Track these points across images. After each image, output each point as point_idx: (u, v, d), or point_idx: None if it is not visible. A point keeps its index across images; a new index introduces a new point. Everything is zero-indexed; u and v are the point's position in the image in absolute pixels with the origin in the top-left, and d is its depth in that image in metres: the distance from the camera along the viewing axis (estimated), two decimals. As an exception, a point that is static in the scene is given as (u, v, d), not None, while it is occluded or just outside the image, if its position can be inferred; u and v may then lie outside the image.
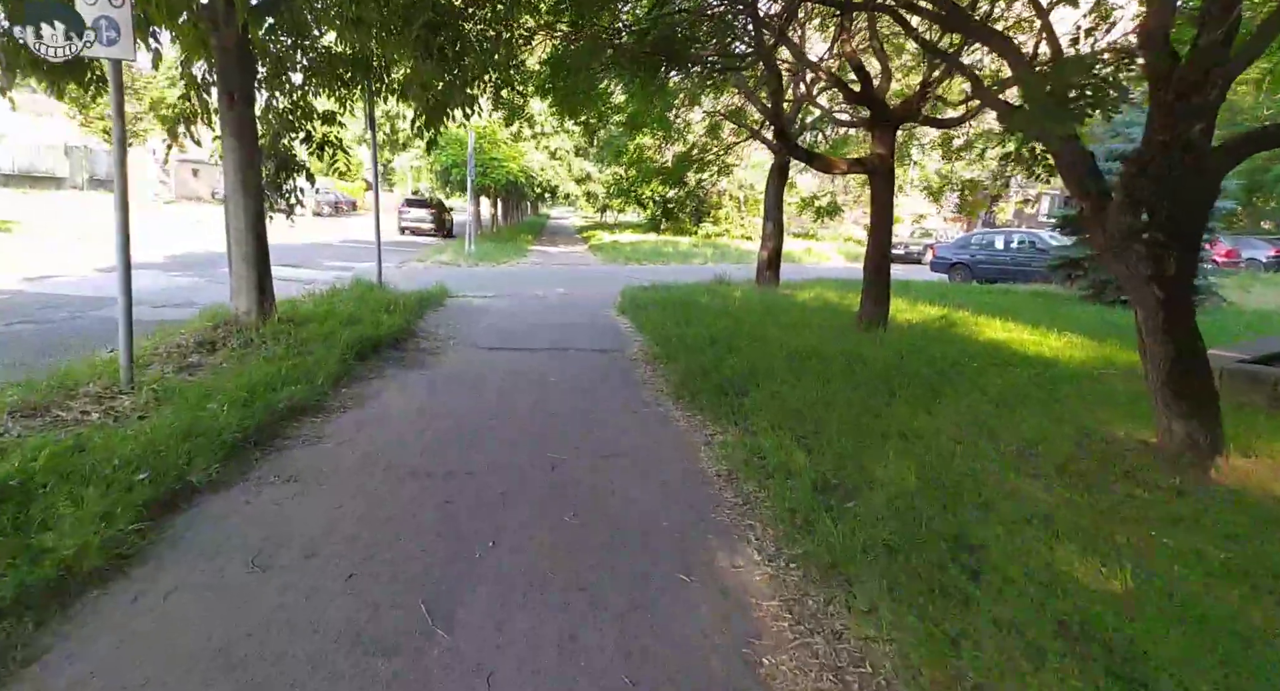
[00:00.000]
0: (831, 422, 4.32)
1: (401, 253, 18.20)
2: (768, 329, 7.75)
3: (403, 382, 5.27)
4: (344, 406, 4.52)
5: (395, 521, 2.95)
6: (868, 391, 5.10)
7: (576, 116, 8.67)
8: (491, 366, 6.02)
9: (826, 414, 4.50)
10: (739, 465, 3.77)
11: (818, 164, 7.79)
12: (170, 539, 2.71)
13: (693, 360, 6.06)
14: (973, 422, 4.43)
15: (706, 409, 4.83)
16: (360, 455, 3.70)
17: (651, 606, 2.38)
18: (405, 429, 4.18)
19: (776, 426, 4.29)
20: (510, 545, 2.79)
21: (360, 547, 2.70)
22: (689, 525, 3.07)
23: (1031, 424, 4.39)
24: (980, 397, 5.03)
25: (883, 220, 7.89)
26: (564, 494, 3.34)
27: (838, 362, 6.02)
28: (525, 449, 3.95)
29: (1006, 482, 3.34)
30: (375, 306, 7.50)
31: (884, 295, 8.04)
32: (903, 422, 4.33)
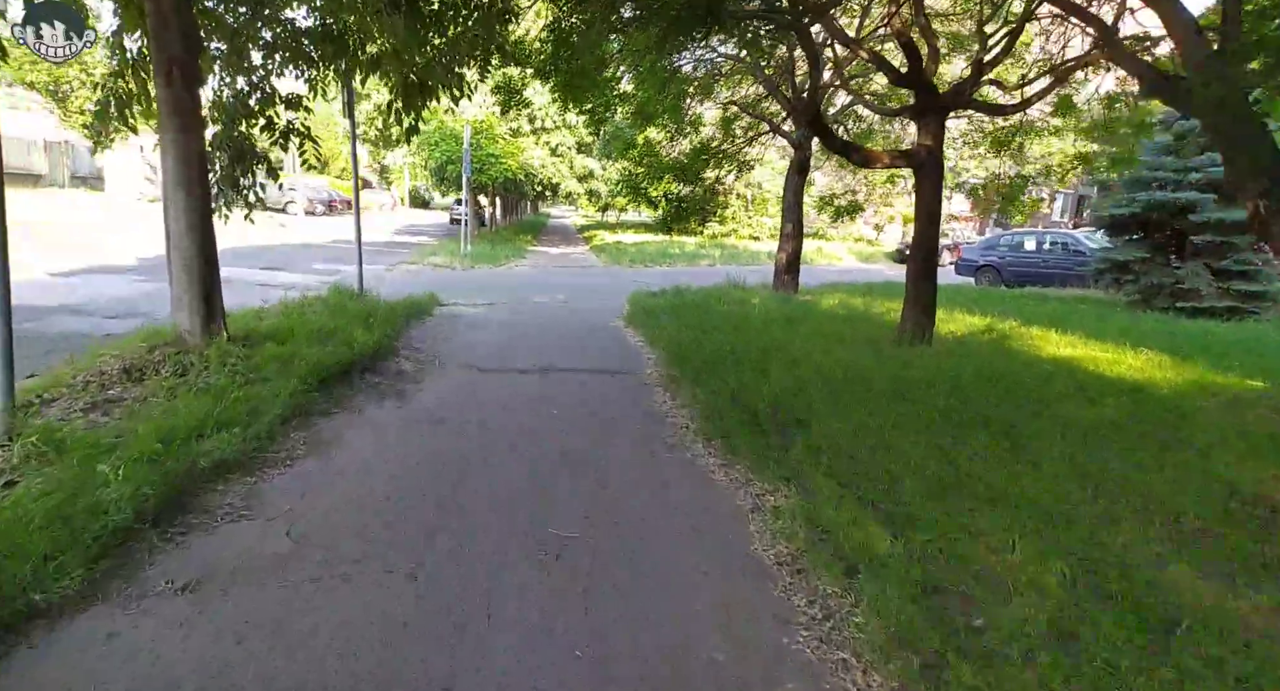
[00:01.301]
0: (906, 478, 3.38)
1: (394, 254, 17.25)
2: (797, 343, 6.81)
3: (371, 420, 4.32)
4: (290, 458, 3.57)
5: (321, 665, 2.01)
6: (936, 429, 4.16)
7: (581, 103, 7.74)
8: (481, 395, 5.07)
9: (894, 463, 3.56)
10: (802, 548, 2.83)
11: (856, 157, 6.84)
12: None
13: (718, 385, 5.13)
14: (1082, 475, 3.50)
15: (743, 453, 3.89)
16: (292, 540, 2.76)
17: None
18: (362, 493, 3.23)
19: (839, 482, 3.36)
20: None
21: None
22: (756, 661, 2.13)
23: (1162, 480, 3.45)
24: (1077, 438, 4.09)
25: (929, 220, 6.94)
26: (571, 605, 2.40)
27: (888, 388, 5.09)
28: (520, 522, 3.01)
29: (1197, 592, 2.40)
30: (351, 319, 6.55)
31: (929, 306, 7.10)
32: (996, 478, 3.39)
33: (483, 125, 16.94)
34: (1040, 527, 2.88)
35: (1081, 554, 2.65)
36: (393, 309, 7.48)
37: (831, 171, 22.29)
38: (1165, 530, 2.93)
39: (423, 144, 16.95)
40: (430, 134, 16.79)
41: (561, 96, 7.31)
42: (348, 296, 7.79)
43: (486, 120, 17.02)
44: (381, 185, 54.85)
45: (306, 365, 4.78)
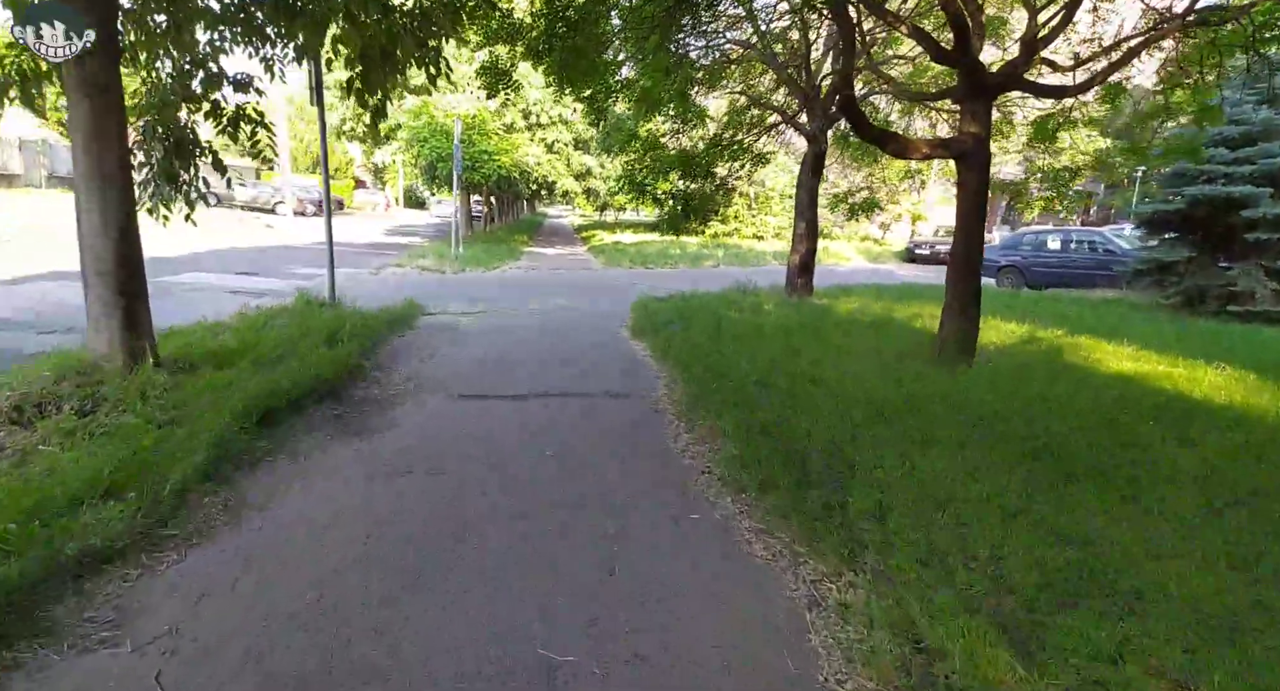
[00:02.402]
0: (1008, 556, 2.57)
1: (382, 256, 16.40)
2: (824, 358, 6.00)
3: (319, 469, 3.48)
4: (200, 532, 2.73)
5: None
6: (1022, 479, 3.34)
7: (578, 89, 6.89)
8: (462, 429, 4.23)
9: (985, 531, 2.74)
10: (894, 680, 2.01)
11: (892, 147, 6.01)
12: None
13: (744, 416, 4.30)
14: (1233, 553, 2.67)
15: (784, 511, 3.07)
16: (176, 679, 1.92)
17: None
18: (281, 597, 2.37)
19: (919, 560, 2.54)
20: None
21: None
22: None
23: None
24: (1192, 489, 3.27)
25: (975, 218, 6.12)
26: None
27: (946, 418, 4.28)
28: (498, 638, 2.18)
29: None
30: (318, 334, 5.71)
31: (973, 316, 6.27)
32: (1130, 560, 2.57)
33: (475, 120, 16.08)
34: (1218, 642, 2.06)
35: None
36: (367, 320, 6.64)
37: (837, 169, 21.48)
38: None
39: (412, 140, 16.10)
40: (420, 130, 15.95)
41: (556, 80, 6.47)
42: (317, 306, 6.95)
43: (479, 115, 16.17)
44: (376, 185, 53.97)
45: (248, 396, 3.94)
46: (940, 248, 22.43)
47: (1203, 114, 6.64)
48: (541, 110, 18.67)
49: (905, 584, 2.42)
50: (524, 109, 18.35)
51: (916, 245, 22.96)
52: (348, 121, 18.90)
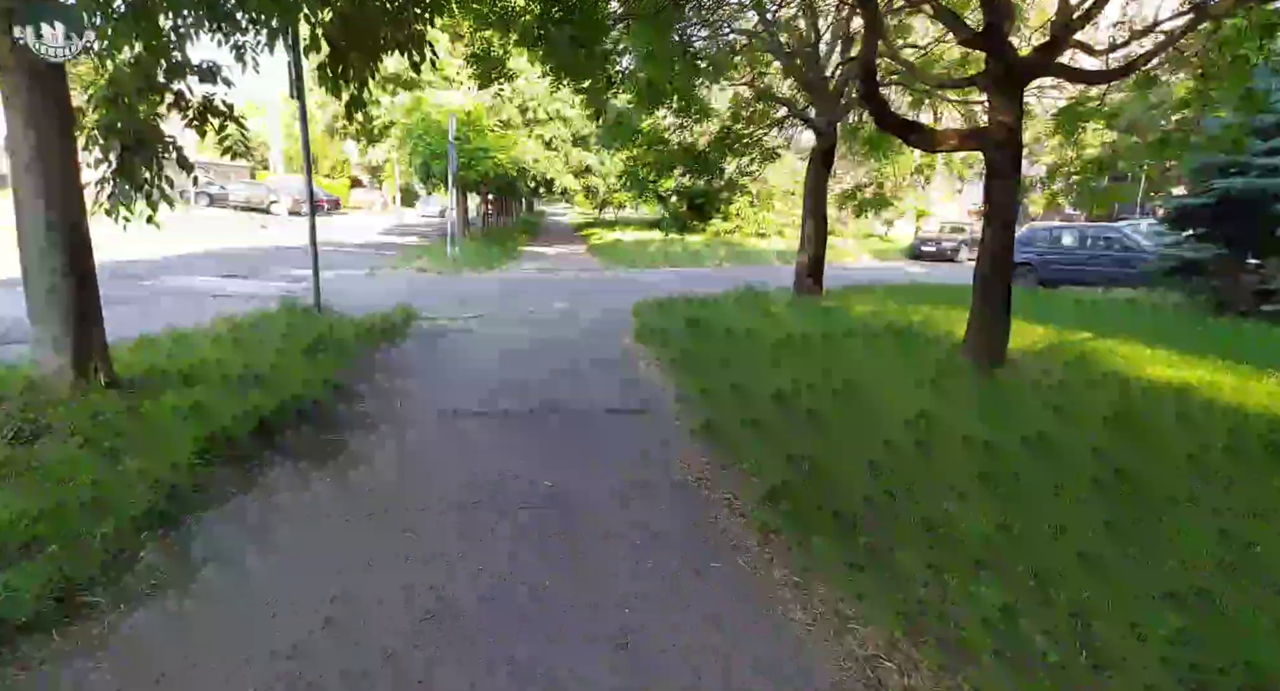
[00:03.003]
0: (1103, 619, 2.14)
1: (377, 257, 15.95)
2: (846, 366, 5.57)
3: (281, 513, 3.04)
4: (128, 600, 2.29)
5: None
6: (1095, 512, 2.92)
7: (576, 80, 6.45)
8: (451, 455, 3.80)
9: (1067, 582, 2.32)
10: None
11: (916, 139, 5.58)
12: None
13: (766, 439, 3.88)
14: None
15: (823, 561, 2.64)
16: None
17: None
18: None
19: (990, 625, 2.11)
20: None
21: None
22: None
23: None
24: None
25: (1005, 214, 5.69)
26: None
27: (990, 436, 3.85)
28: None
29: None
30: (299, 345, 5.28)
31: (1004, 321, 5.85)
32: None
33: (470, 117, 15.63)
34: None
35: None
36: (355, 328, 6.20)
37: (841, 165, 20.99)
38: None
39: (406, 137, 15.65)
40: (414, 126, 15.50)
41: (552, 70, 6.03)
42: (301, 314, 6.51)
43: (474, 111, 15.70)
44: (374, 184, 53.46)
45: (212, 421, 3.51)
46: (946, 244, 21.98)
47: (1245, 101, 6.21)
48: (539, 106, 18.20)
49: (980, 665, 1.99)
50: (521, 105, 17.88)
51: (922, 242, 22.49)
52: (340, 119, 18.42)
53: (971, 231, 23.05)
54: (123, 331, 5.59)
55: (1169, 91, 7.00)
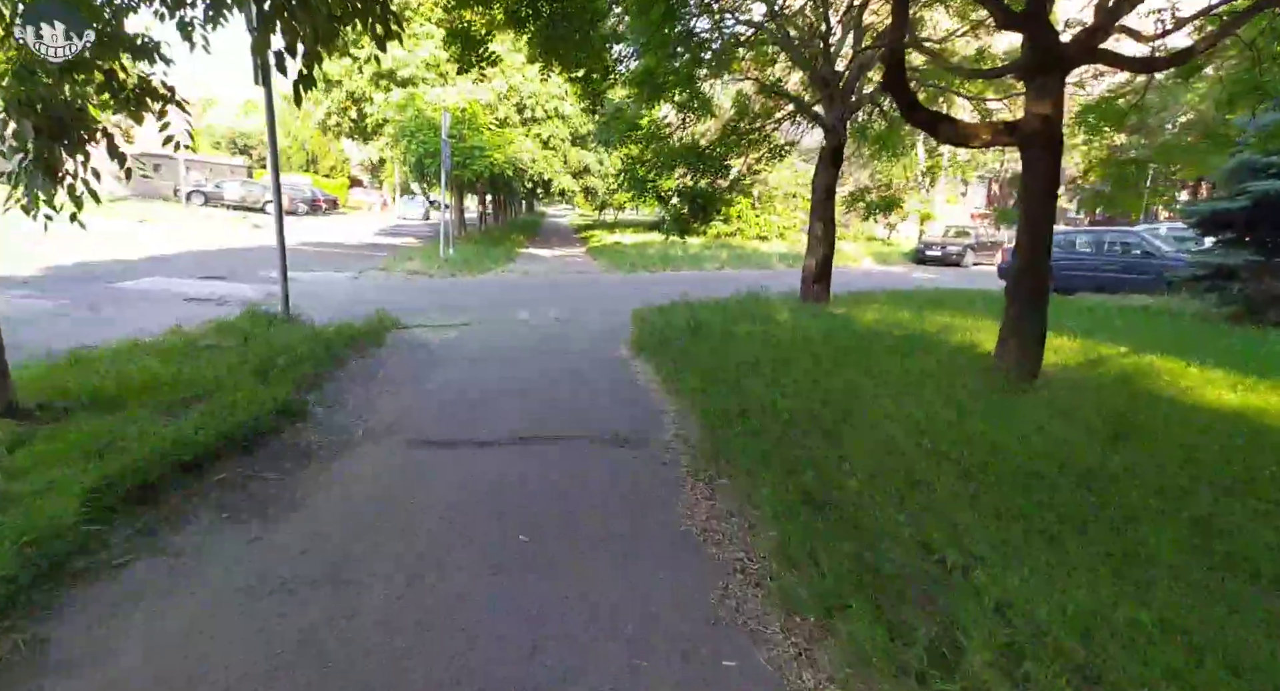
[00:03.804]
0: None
1: (369, 258, 15.38)
2: (864, 383, 5.02)
3: (190, 580, 2.46)
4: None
5: None
6: (1200, 580, 2.36)
7: (568, 67, 5.89)
8: (413, 499, 3.23)
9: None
10: None
11: (946, 133, 5.02)
12: None
13: (783, 478, 3.32)
14: None
15: (866, 655, 2.07)
16: None
17: None
18: None
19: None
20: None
21: None
22: None
23: None
24: None
25: (1041, 216, 5.14)
26: None
27: (1044, 475, 3.30)
28: None
29: None
30: (254, 360, 4.72)
31: (1039, 333, 5.29)
32: None
33: (465, 114, 15.08)
34: None
35: None
36: (324, 339, 5.64)
37: (846, 168, 20.44)
38: None
39: (399, 135, 15.11)
40: (406, 123, 14.96)
41: (541, 54, 5.46)
42: (266, 322, 5.95)
43: (469, 108, 15.16)
44: (373, 183, 52.92)
45: (125, 459, 2.94)
46: (951, 248, 21.42)
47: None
48: (537, 104, 17.66)
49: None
50: (518, 102, 17.34)
51: (927, 246, 21.93)
52: (333, 115, 17.90)
53: (977, 235, 22.52)
54: (66, 342, 5.06)
55: (1202, 86, 6.48)
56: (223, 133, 46.31)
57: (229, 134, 46.88)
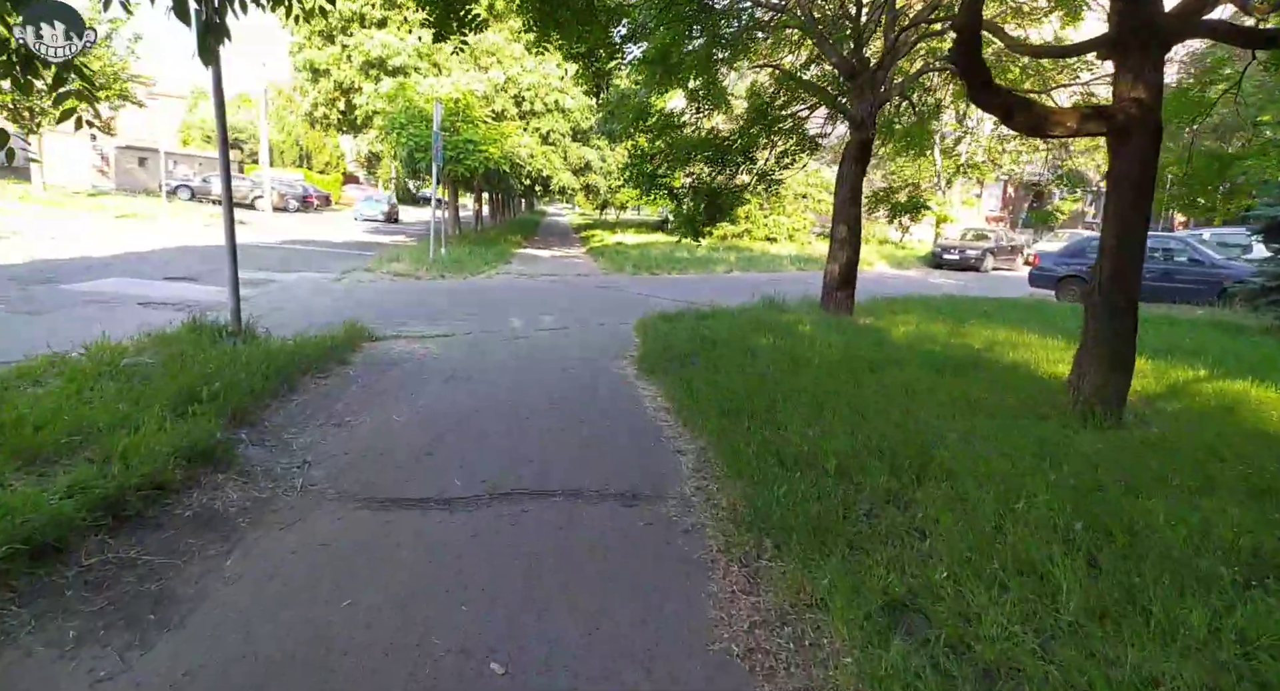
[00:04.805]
0: None
1: (356, 258, 14.50)
2: (916, 419, 4.16)
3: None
4: None
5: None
6: None
7: (569, 42, 5.03)
8: (347, 606, 2.35)
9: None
10: None
11: (1022, 119, 4.16)
12: None
13: (849, 566, 2.47)
14: None
15: None
16: None
17: None
18: None
19: None
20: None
21: None
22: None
23: None
24: None
25: (1132, 219, 4.29)
26: None
27: (1208, 566, 2.45)
28: None
29: None
30: (178, 388, 3.85)
31: (1128, 358, 4.44)
32: None
33: (459, 106, 14.22)
34: None
35: None
36: (277, 357, 4.76)
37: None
38: None
39: (389, 127, 14.26)
40: (396, 115, 14.09)
41: (537, 23, 4.60)
42: (211, 337, 5.07)
43: (463, 100, 14.30)
44: (369, 180, 52.03)
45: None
46: (970, 252, 20.55)
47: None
48: (535, 96, 16.78)
49: None
50: (516, 95, 16.47)
51: (944, 249, 21.07)
52: (320, 107, 17.02)
53: (997, 239, 21.66)
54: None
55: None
56: (213, 127, 45.38)
57: (222, 128, 45.98)
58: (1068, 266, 12.35)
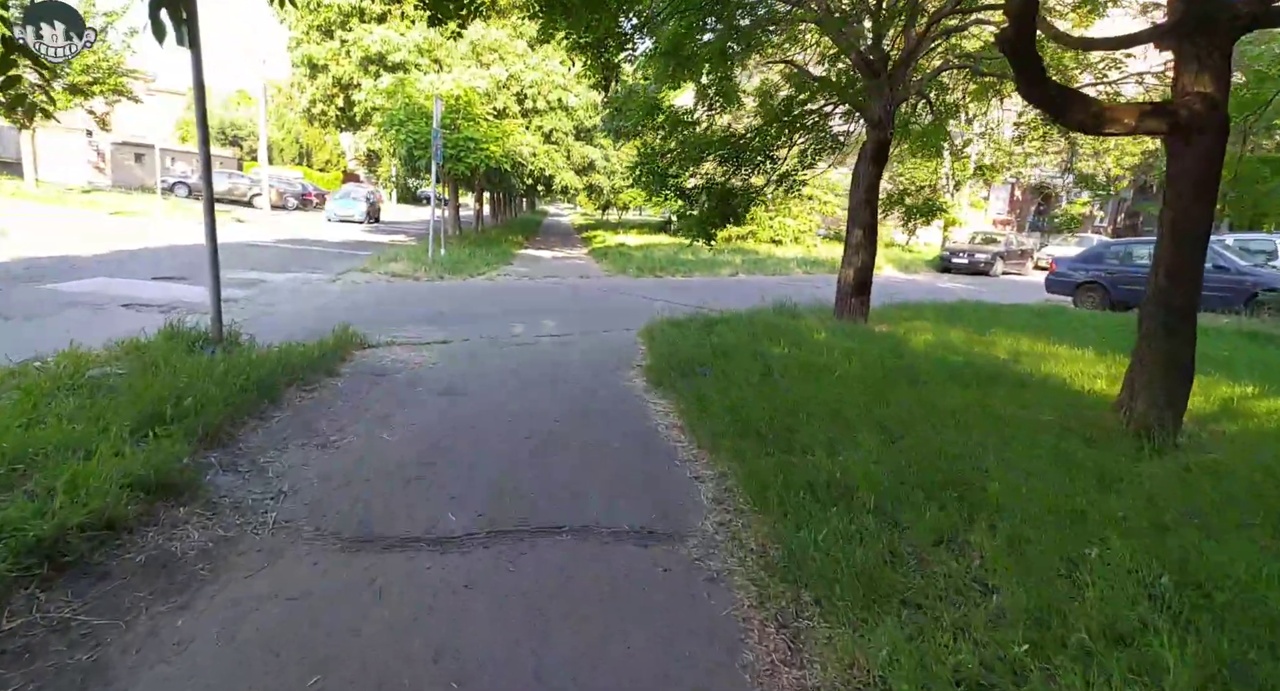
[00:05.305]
0: None
1: (353, 258, 14.12)
2: (952, 443, 3.79)
3: None
4: None
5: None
6: None
7: (576, 30, 4.66)
8: (304, 671, 1.99)
9: None
10: None
11: (1078, 116, 3.78)
12: None
13: (907, 632, 2.10)
14: None
15: None
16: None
17: None
18: None
19: None
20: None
21: None
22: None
23: None
24: None
25: (1193, 223, 3.92)
26: None
27: None
28: None
29: None
30: (148, 402, 3.48)
31: (1184, 375, 4.07)
32: None
33: (459, 103, 13.87)
34: None
35: None
36: (258, 368, 4.38)
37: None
38: None
39: (388, 124, 13.90)
40: (395, 112, 13.73)
41: (543, 10, 4.25)
42: (186, 345, 4.70)
43: (464, 96, 13.94)
44: (370, 178, 51.67)
45: None
46: (980, 256, 20.17)
47: None
48: (538, 94, 16.42)
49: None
50: (518, 92, 16.11)
51: (952, 253, 20.69)
52: (318, 104, 16.65)
53: (1006, 243, 21.30)
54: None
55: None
56: (212, 124, 44.98)
57: (219, 124, 45.61)
58: (1086, 272, 11.99)
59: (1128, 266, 11.72)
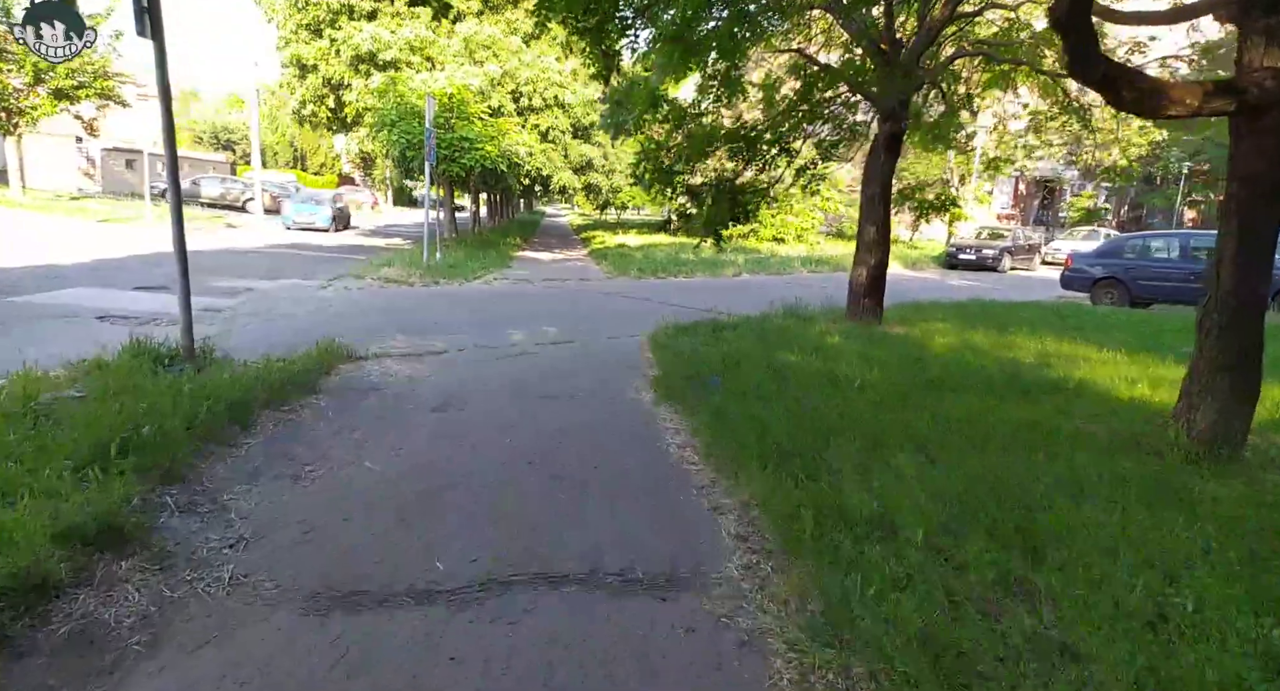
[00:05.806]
0: None
1: (347, 262, 13.72)
2: (998, 468, 3.40)
3: None
4: None
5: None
6: None
7: (577, 15, 4.28)
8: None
9: None
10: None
11: (1131, 95, 3.39)
12: None
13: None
14: None
15: None
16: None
17: None
18: None
19: None
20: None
21: None
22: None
23: None
24: None
25: (1264, 215, 3.54)
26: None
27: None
28: None
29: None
30: (98, 433, 3.09)
31: (1251, 385, 3.69)
32: None
33: (453, 101, 13.48)
34: None
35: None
36: (231, 389, 3.99)
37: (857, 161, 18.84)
38: None
39: (379, 124, 13.51)
40: (386, 112, 13.34)
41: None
42: (151, 365, 4.30)
43: (458, 95, 13.54)
44: (366, 181, 51.28)
45: None
46: (987, 252, 19.76)
47: None
48: (534, 91, 16.02)
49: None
50: (514, 90, 15.71)
51: (959, 249, 20.27)
52: (308, 105, 16.25)
53: (1013, 238, 20.89)
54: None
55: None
56: (205, 128, 44.50)
57: (210, 128, 45.15)
58: (1104, 268, 11.59)
59: (1146, 261, 11.32)
